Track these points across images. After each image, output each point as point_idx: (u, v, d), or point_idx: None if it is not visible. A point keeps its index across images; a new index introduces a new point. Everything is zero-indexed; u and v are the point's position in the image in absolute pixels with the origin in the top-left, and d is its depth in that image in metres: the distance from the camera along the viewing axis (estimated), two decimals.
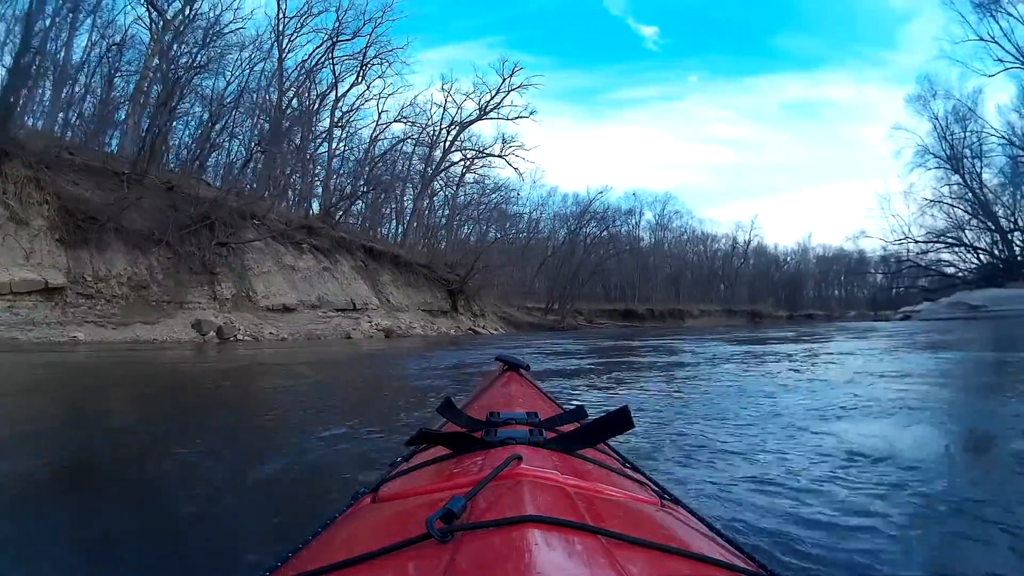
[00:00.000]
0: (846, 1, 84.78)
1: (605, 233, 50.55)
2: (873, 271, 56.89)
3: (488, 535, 0.52)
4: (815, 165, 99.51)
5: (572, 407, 1.15)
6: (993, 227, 43.24)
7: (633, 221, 56.22)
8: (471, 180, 38.61)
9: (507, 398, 1.53)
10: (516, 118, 35.67)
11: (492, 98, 35.44)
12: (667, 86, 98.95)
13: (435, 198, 39.60)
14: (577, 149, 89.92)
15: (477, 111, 35.61)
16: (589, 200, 48.91)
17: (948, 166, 44.32)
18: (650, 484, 0.89)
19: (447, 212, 38.97)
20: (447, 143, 35.33)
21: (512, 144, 36.09)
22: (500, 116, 35.70)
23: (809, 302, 67.90)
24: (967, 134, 43.04)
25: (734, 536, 0.76)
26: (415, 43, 45.36)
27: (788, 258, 69.89)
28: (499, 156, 36.41)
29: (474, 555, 0.49)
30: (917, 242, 47.04)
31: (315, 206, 30.80)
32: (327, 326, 21.79)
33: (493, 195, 39.66)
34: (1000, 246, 43.52)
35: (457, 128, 35.41)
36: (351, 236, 29.05)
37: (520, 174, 37.12)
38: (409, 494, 0.78)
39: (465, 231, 40.41)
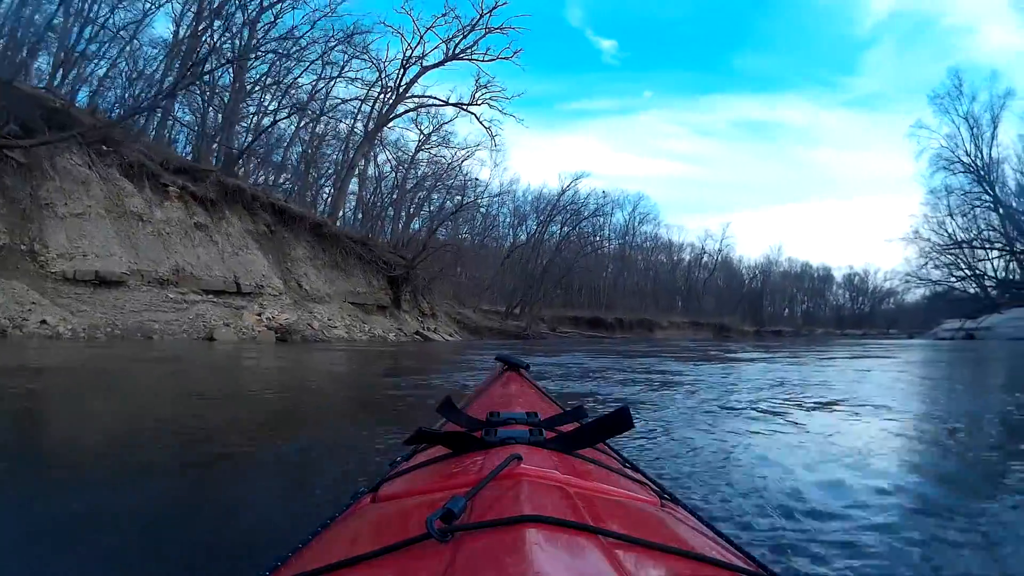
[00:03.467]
0: (808, 26, 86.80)
1: (576, 230, 43.55)
2: (921, 280, 48.53)
3: (488, 535, 0.51)
4: (770, 183, 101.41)
5: (572, 407, 1.10)
6: (1005, 244, 38.56)
7: (600, 222, 48.90)
8: (425, 159, 29.98)
9: (507, 398, 1.49)
10: (494, 59, 26.99)
11: (464, 36, 26.90)
12: (622, 99, 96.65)
13: (383, 182, 30.94)
14: (531, 158, 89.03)
15: (444, 51, 26.94)
16: (561, 190, 41.52)
17: (968, 171, 39.60)
18: (650, 484, 0.88)
19: (395, 196, 30.16)
20: (400, 84, 26.42)
21: (489, 87, 27.27)
22: (472, 59, 27.08)
23: (773, 317, 64.28)
24: (989, 141, 38.54)
25: (734, 536, 0.71)
26: None
27: (755, 272, 65.87)
28: (467, 107, 27.63)
29: (474, 555, 0.48)
30: (972, 247, 40.69)
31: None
32: (177, 317, 12.92)
33: (453, 171, 30.85)
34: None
35: (418, 64, 26.51)
36: (254, 190, 20.08)
37: (492, 136, 28.29)
38: (409, 494, 0.77)
39: (413, 213, 31.57)
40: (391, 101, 26.02)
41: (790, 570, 1.43)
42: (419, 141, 29.46)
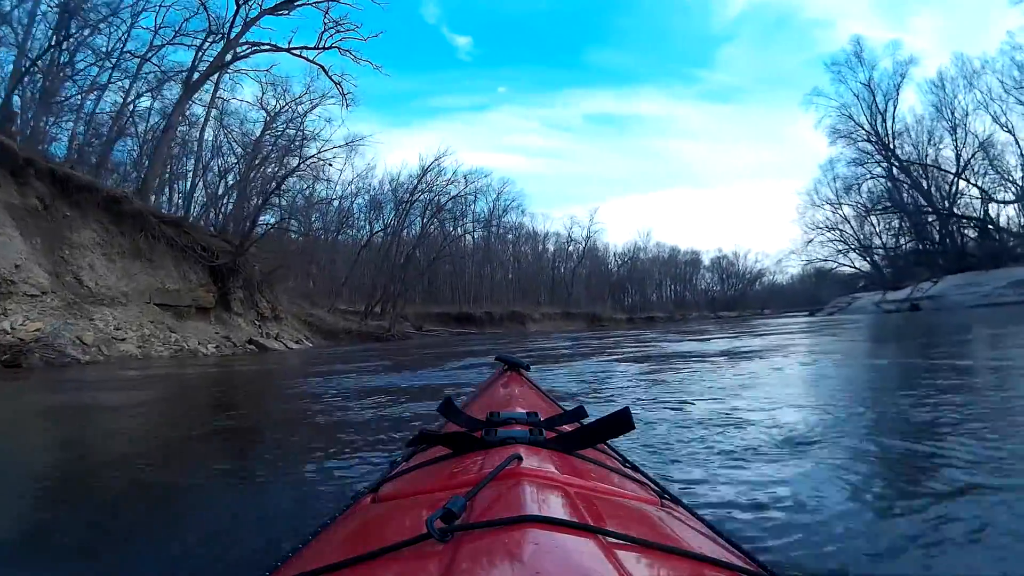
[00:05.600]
0: (663, 21, 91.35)
1: (439, 215, 40.67)
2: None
3: (488, 535, 0.51)
4: (629, 175, 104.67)
5: (572, 407, 1.10)
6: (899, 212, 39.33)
7: (463, 208, 45.84)
8: (271, 141, 25.94)
9: (507, 398, 1.49)
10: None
11: None
12: (477, 96, 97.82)
13: (228, 174, 26.33)
14: (386, 158, 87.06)
15: None
16: (423, 169, 38.21)
17: (867, 141, 39.68)
18: (650, 484, 0.87)
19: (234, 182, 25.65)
20: (233, 27, 21.53)
21: (340, 26, 23.17)
22: (320, 2, 22.73)
23: (645, 304, 65.08)
24: (893, 111, 38.47)
25: (734, 536, 0.73)
26: None
27: (624, 258, 66.68)
28: (306, 55, 23.04)
29: (474, 555, 0.48)
30: (873, 213, 41.02)
31: None
32: None
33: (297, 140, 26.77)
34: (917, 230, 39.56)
35: (257, 7, 21.83)
36: (28, 152, 15.22)
37: (343, 93, 24.63)
38: (409, 494, 0.76)
39: (246, 189, 27.01)
40: (220, 46, 21.54)
41: (791, 570, 1.37)
42: (265, 121, 25.51)
